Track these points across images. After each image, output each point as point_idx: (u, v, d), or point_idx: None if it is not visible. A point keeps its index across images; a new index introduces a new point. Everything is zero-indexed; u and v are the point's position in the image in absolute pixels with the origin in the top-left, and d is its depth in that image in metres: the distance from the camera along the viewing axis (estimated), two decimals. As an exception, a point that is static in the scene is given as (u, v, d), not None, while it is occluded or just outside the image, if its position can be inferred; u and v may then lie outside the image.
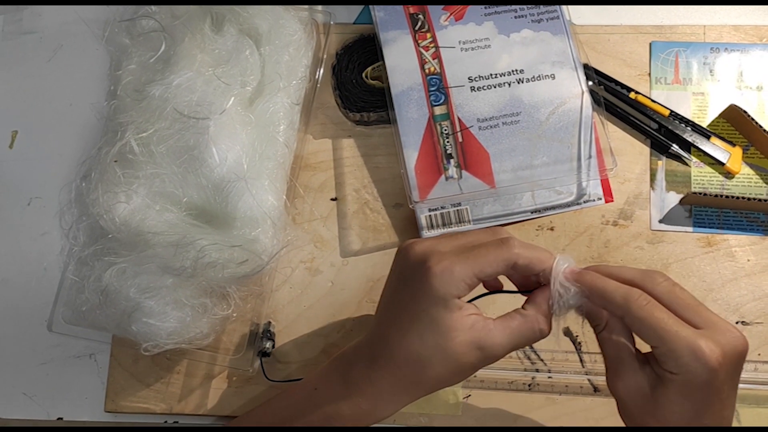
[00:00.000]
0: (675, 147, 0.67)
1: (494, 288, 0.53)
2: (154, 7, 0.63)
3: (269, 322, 0.64)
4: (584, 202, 0.65)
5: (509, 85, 0.66)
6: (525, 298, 0.50)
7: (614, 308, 0.45)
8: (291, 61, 0.64)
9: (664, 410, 0.44)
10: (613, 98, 0.68)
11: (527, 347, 0.63)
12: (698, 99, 0.69)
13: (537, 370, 0.63)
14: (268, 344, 0.63)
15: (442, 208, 0.65)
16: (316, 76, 0.69)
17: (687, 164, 0.67)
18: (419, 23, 0.67)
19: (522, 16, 0.68)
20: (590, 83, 0.66)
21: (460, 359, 0.46)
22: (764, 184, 0.66)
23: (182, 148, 0.58)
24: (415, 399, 0.49)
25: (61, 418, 0.66)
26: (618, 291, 0.45)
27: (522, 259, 0.46)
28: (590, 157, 0.64)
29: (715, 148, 0.66)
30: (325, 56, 0.70)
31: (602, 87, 0.68)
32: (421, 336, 0.47)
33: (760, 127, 0.64)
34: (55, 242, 0.68)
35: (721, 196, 0.64)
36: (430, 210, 0.64)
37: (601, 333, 0.47)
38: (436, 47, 0.66)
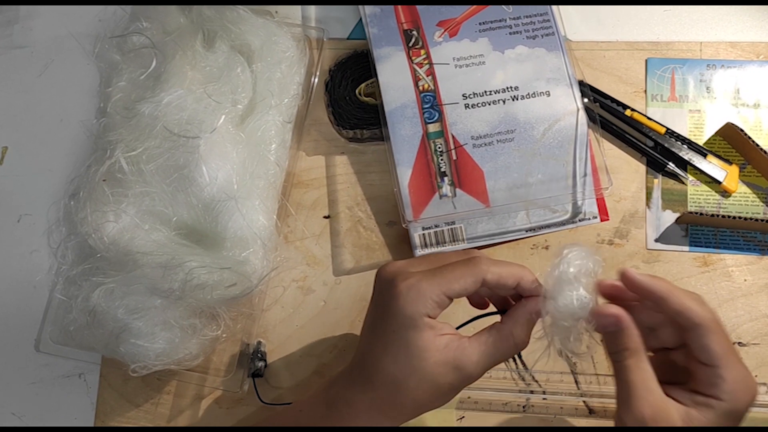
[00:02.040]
0: (671, 165, 0.66)
1: (479, 306, 0.53)
2: (145, 23, 0.62)
3: (260, 342, 0.63)
4: (579, 220, 0.65)
5: (504, 102, 0.65)
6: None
7: (689, 324, 0.43)
8: (283, 78, 0.63)
9: None
10: (608, 115, 0.68)
11: (522, 368, 0.62)
12: (695, 116, 0.68)
13: (531, 392, 0.62)
14: (260, 364, 0.62)
15: (436, 226, 0.64)
16: (309, 93, 0.68)
17: (683, 183, 0.66)
18: (413, 39, 0.67)
19: (517, 32, 0.67)
20: (586, 100, 0.65)
21: (436, 380, 0.45)
22: (761, 203, 0.65)
23: (172, 167, 0.57)
24: (397, 423, 0.48)
25: (50, 439, 0.65)
26: (695, 302, 0.44)
27: (491, 275, 0.46)
28: (585, 175, 0.64)
29: (711, 166, 0.66)
30: (318, 72, 0.69)
31: (598, 104, 0.68)
32: (395, 358, 0.46)
33: (757, 145, 0.63)
34: (45, 260, 0.67)
35: (718, 215, 0.63)
36: (423, 228, 0.64)
37: (629, 360, 0.44)
38: (430, 64, 0.66)
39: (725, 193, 0.66)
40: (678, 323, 0.44)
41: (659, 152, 0.67)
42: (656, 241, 0.65)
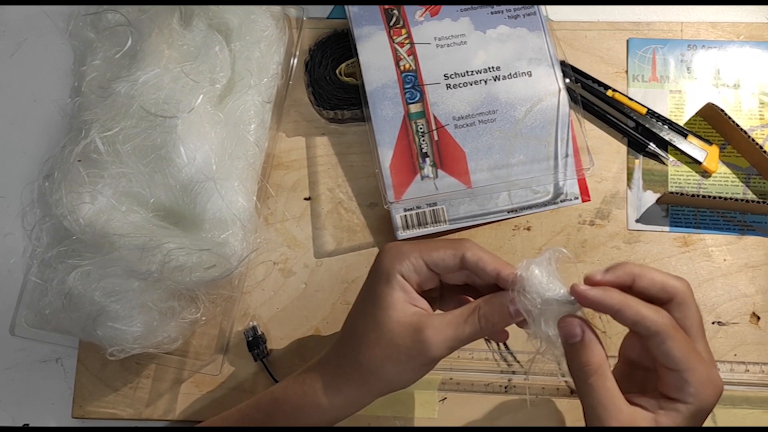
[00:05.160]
0: (652, 146, 0.66)
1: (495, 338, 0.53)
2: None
3: (254, 326, 0.63)
4: (561, 201, 0.65)
5: (485, 82, 0.64)
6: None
7: (646, 333, 0.43)
8: (262, 57, 0.62)
9: None
10: (590, 96, 0.68)
11: (504, 349, 0.62)
12: (675, 97, 0.68)
13: (513, 372, 0.62)
14: (264, 347, 0.62)
15: (418, 207, 0.63)
16: (289, 73, 0.67)
17: (664, 163, 0.66)
18: (394, 19, 0.66)
19: (498, 12, 0.67)
20: (567, 81, 0.65)
21: (395, 341, 0.46)
22: (741, 183, 0.66)
23: (149, 148, 0.56)
24: (359, 392, 0.48)
25: (27, 425, 0.64)
26: (652, 311, 0.43)
27: (471, 253, 0.46)
28: (567, 155, 0.63)
29: (692, 146, 0.66)
30: (297, 52, 0.68)
31: (579, 84, 0.67)
32: (363, 310, 0.48)
33: (737, 126, 0.64)
34: (19, 243, 0.66)
35: (698, 195, 0.63)
36: (405, 210, 0.63)
37: (592, 378, 0.44)
38: (411, 43, 0.65)
39: (705, 174, 0.66)
40: (637, 332, 0.44)
41: (640, 133, 0.67)
42: (637, 221, 0.65)
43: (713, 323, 0.63)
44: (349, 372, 0.48)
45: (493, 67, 0.65)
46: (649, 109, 0.66)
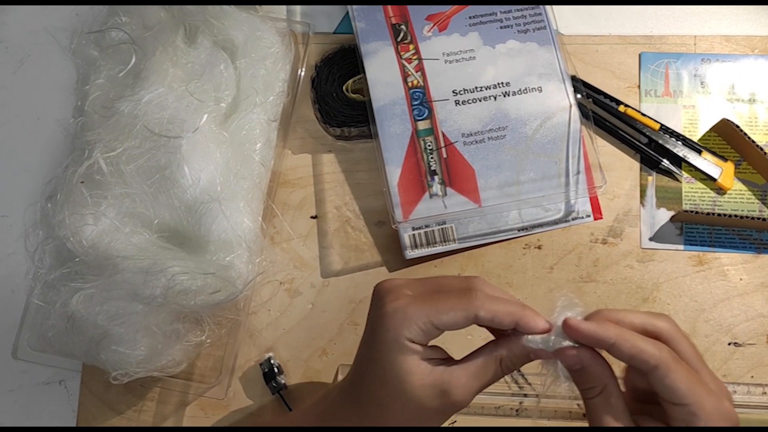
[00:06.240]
0: (665, 162, 0.65)
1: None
2: (124, 18, 0.60)
3: (270, 357, 0.62)
4: (572, 219, 0.63)
5: (495, 98, 0.63)
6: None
7: (646, 368, 0.41)
8: (268, 75, 0.61)
9: None
10: (601, 111, 0.66)
11: (515, 372, 0.61)
12: (689, 112, 0.67)
13: (525, 395, 0.61)
14: (281, 378, 0.61)
15: (427, 226, 0.62)
16: (295, 90, 0.66)
17: (678, 180, 0.65)
18: (401, 34, 0.65)
19: (508, 27, 0.65)
20: (578, 96, 0.64)
21: (422, 403, 0.43)
22: (757, 201, 0.64)
23: (153, 168, 0.55)
24: None
25: (30, 447, 0.63)
26: (650, 344, 0.41)
27: (484, 312, 0.42)
28: (578, 172, 0.62)
29: (706, 163, 0.64)
30: (304, 68, 0.67)
31: (591, 100, 0.66)
32: (381, 381, 0.44)
33: (753, 142, 0.62)
34: (22, 264, 0.65)
35: (713, 213, 0.62)
36: (414, 229, 0.62)
37: (596, 398, 0.43)
38: (419, 59, 0.64)
39: (720, 191, 0.65)
40: (636, 368, 0.42)
41: (653, 149, 0.65)
42: (651, 239, 0.64)
43: (729, 344, 0.62)
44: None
45: (502, 83, 0.64)
46: (662, 125, 0.65)
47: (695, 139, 0.66)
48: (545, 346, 0.42)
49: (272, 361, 0.61)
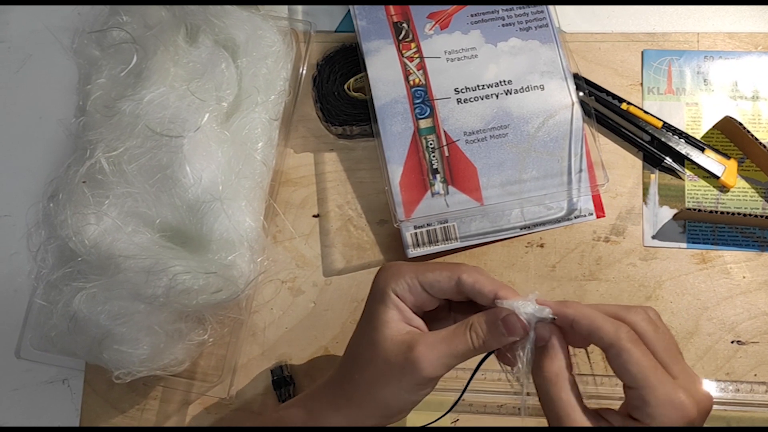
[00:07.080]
0: (668, 160, 0.65)
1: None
2: (125, 17, 0.60)
3: (281, 367, 0.62)
4: (575, 217, 0.63)
5: (497, 96, 0.63)
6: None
7: (602, 345, 0.42)
8: (269, 73, 0.61)
9: None
10: (604, 109, 0.66)
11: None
12: (692, 109, 0.66)
13: (527, 393, 0.61)
14: (291, 387, 0.61)
15: (429, 225, 0.62)
16: (296, 89, 0.66)
17: (681, 178, 0.65)
18: (403, 32, 0.65)
19: (510, 24, 0.65)
20: (581, 94, 0.64)
21: (389, 358, 0.45)
22: (760, 198, 0.64)
23: (155, 167, 0.55)
24: (359, 411, 0.46)
25: (34, 446, 0.63)
26: (608, 322, 0.42)
27: (467, 275, 0.45)
28: (581, 170, 0.62)
29: (709, 161, 0.64)
30: (305, 67, 0.67)
31: (593, 98, 0.66)
32: (361, 331, 0.47)
33: (756, 139, 0.62)
34: (25, 263, 0.65)
35: (716, 211, 0.62)
36: (415, 227, 0.62)
37: (547, 385, 0.43)
38: (421, 57, 0.64)
39: (723, 189, 0.64)
40: (596, 346, 0.43)
41: (656, 147, 0.65)
42: (653, 237, 0.64)
43: (732, 342, 0.62)
44: (348, 392, 0.47)
45: (504, 81, 0.64)
46: (664, 123, 0.65)
47: (698, 136, 0.65)
48: (516, 310, 0.44)
49: (285, 372, 0.61)
